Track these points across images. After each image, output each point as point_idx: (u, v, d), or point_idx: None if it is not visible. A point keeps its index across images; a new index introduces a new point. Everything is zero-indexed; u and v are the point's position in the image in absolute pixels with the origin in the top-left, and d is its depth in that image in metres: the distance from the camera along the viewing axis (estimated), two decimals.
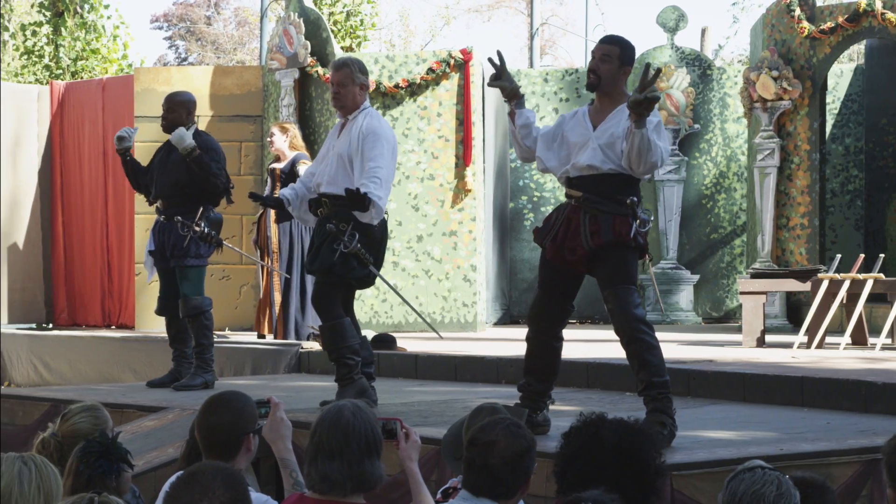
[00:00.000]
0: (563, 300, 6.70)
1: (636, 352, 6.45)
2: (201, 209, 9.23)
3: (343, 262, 7.62)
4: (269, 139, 12.12)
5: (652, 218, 6.73)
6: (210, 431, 4.33)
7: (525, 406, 6.60)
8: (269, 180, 12.09)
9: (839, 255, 11.66)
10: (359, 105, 7.87)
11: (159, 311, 9.59)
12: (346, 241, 7.56)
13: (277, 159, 12.03)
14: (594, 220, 6.50)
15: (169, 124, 9.40)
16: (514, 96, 6.75)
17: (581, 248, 6.51)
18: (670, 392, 6.51)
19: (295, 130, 12.23)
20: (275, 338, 11.87)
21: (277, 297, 11.95)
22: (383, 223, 7.83)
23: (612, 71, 6.59)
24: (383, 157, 7.68)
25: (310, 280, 11.86)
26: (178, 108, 9.37)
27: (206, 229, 9.19)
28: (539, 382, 6.78)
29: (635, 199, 6.52)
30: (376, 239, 7.78)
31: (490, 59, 6.77)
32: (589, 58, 7.31)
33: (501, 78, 6.73)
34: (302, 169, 11.80)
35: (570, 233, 6.56)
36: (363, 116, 7.83)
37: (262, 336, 12.15)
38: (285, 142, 11.92)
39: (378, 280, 7.97)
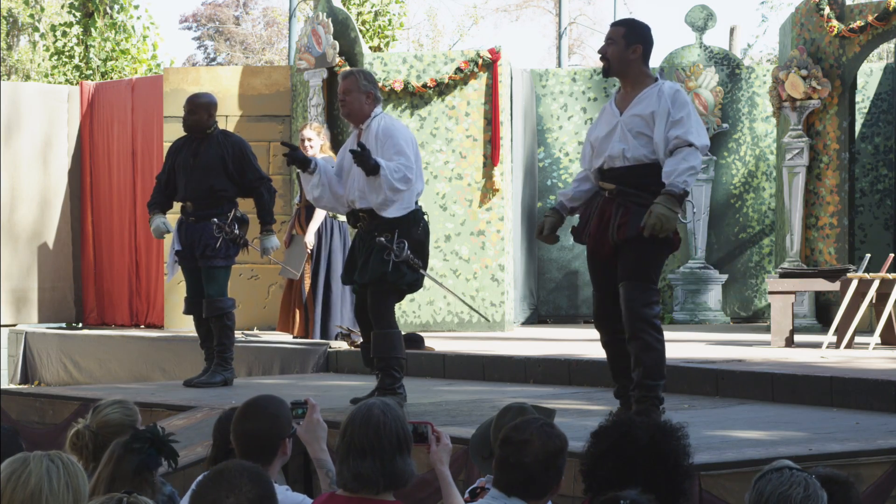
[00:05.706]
0: (618, 296, 6.59)
1: (634, 349, 6.47)
2: (233, 211, 9.35)
3: (395, 270, 7.70)
4: (306, 143, 11.79)
5: (691, 211, 6.65)
6: (247, 437, 4.36)
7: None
8: (300, 188, 12.10)
9: (868, 255, 11.60)
10: (367, 114, 7.87)
11: (187, 311, 9.68)
12: (397, 252, 7.62)
13: None
14: (625, 212, 6.46)
15: (191, 125, 9.50)
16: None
17: (608, 242, 6.50)
18: (658, 398, 6.53)
19: (326, 132, 12.13)
20: (320, 338, 11.86)
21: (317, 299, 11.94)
22: (425, 225, 7.90)
23: (619, 52, 6.60)
24: (406, 156, 7.71)
25: (336, 279, 11.83)
26: (199, 110, 9.48)
27: (236, 230, 9.31)
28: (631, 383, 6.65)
29: None
30: (422, 242, 7.86)
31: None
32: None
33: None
34: None
35: (602, 226, 6.55)
36: (376, 123, 7.85)
37: (300, 337, 12.09)
38: (322, 143, 11.82)
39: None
